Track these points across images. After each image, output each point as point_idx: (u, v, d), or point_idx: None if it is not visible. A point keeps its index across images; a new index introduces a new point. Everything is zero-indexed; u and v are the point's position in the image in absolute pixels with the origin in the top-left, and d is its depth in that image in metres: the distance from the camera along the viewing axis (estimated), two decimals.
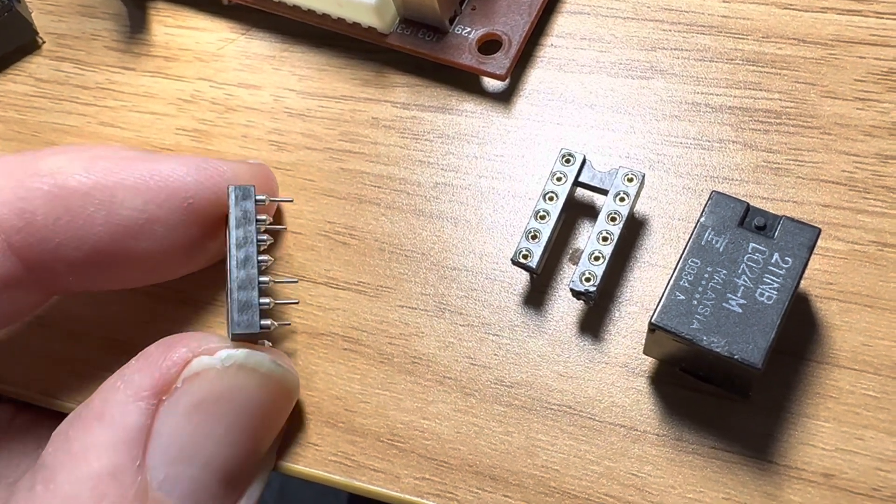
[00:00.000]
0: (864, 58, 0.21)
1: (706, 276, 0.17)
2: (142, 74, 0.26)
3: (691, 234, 0.17)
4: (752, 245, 0.17)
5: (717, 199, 0.18)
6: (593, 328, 0.20)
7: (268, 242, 0.20)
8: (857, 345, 0.19)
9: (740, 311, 0.17)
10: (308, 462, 0.21)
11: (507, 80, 0.23)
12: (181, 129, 0.25)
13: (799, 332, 0.19)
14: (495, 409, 0.20)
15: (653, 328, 0.17)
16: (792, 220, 0.17)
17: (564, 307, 0.21)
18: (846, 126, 0.21)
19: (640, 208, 0.21)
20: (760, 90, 0.22)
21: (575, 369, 0.20)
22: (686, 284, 0.17)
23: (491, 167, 0.22)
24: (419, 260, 0.22)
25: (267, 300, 0.19)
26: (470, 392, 0.20)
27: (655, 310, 0.17)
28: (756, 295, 0.17)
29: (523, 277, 0.21)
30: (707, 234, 0.17)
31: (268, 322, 0.19)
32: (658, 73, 0.22)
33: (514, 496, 0.19)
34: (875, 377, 0.18)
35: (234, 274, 0.19)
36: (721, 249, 0.17)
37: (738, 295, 0.17)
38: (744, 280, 0.17)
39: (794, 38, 0.22)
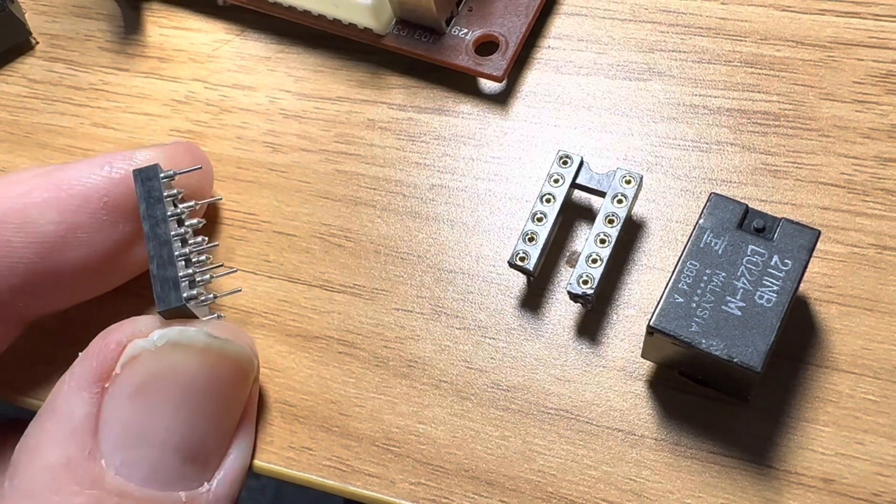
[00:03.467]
0: (863, 60, 0.21)
1: (705, 278, 0.17)
2: (136, 75, 0.26)
3: (690, 237, 0.17)
4: (751, 247, 0.17)
5: (716, 201, 0.18)
6: (591, 331, 0.20)
7: (189, 212, 0.20)
8: (856, 348, 0.19)
9: (739, 313, 0.16)
10: (302, 467, 0.20)
11: (504, 82, 0.23)
12: (175, 130, 0.25)
13: (798, 335, 0.19)
14: (492, 413, 0.20)
15: (651, 331, 0.17)
16: (791, 222, 0.17)
17: (562, 310, 0.20)
18: (845, 128, 0.21)
19: (639, 211, 0.21)
20: (759, 92, 0.21)
21: (572, 373, 0.20)
22: (685, 287, 0.17)
23: (488, 169, 0.22)
24: (415, 262, 0.22)
25: (189, 271, 0.19)
26: (466, 396, 0.20)
27: (654, 312, 0.17)
28: (755, 297, 0.16)
29: (520, 280, 0.21)
30: (706, 237, 0.17)
31: (194, 292, 0.19)
32: (656, 74, 0.22)
33: (510, 501, 0.19)
34: (875, 381, 0.18)
35: (152, 252, 0.19)
36: (720, 251, 0.17)
37: (738, 297, 0.17)
38: (743, 282, 0.17)
39: (792, 40, 0.22)
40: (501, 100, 0.23)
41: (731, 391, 0.18)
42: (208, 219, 0.23)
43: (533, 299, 0.21)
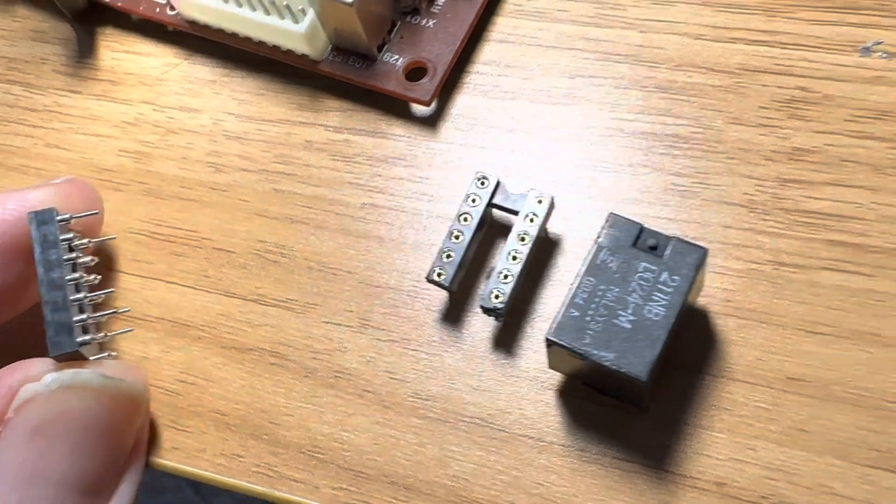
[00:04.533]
0: (768, 86, 0.22)
1: (599, 293, 0.18)
2: (88, 97, 0.27)
3: (588, 254, 0.18)
4: (643, 265, 0.18)
5: (614, 221, 0.19)
6: (506, 343, 0.21)
7: (85, 257, 0.21)
8: (751, 359, 0.20)
9: (630, 326, 0.17)
10: (232, 473, 0.21)
11: (434, 106, 0.24)
12: (123, 150, 0.26)
13: (697, 347, 0.20)
14: (412, 421, 0.21)
15: (549, 343, 0.18)
16: (681, 240, 0.18)
17: (480, 323, 0.21)
18: (749, 151, 0.22)
19: (555, 229, 0.22)
20: (670, 116, 0.23)
21: (488, 383, 0.21)
22: (580, 301, 0.18)
23: (416, 188, 0.23)
24: (344, 278, 0.23)
25: (83, 315, 0.20)
26: (388, 405, 0.21)
27: (551, 326, 0.18)
28: (645, 312, 0.18)
29: (443, 295, 0.22)
30: (602, 254, 0.18)
31: (87, 337, 0.20)
32: (576, 99, 0.23)
33: None
34: (767, 390, 0.19)
35: (45, 297, 0.20)
36: (614, 268, 0.18)
37: (629, 312, 0.18)
38: (634, 297, 0.18)
39: (703, 67, 0.23)
40: (431, 123, 0.24)
41: (630, 400, 0.19)
42: (149, 237, 0.24)
43: (454, 313, 0.22)
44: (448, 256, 0.21)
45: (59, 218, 0.21)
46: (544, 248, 0.22)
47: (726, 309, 0.20)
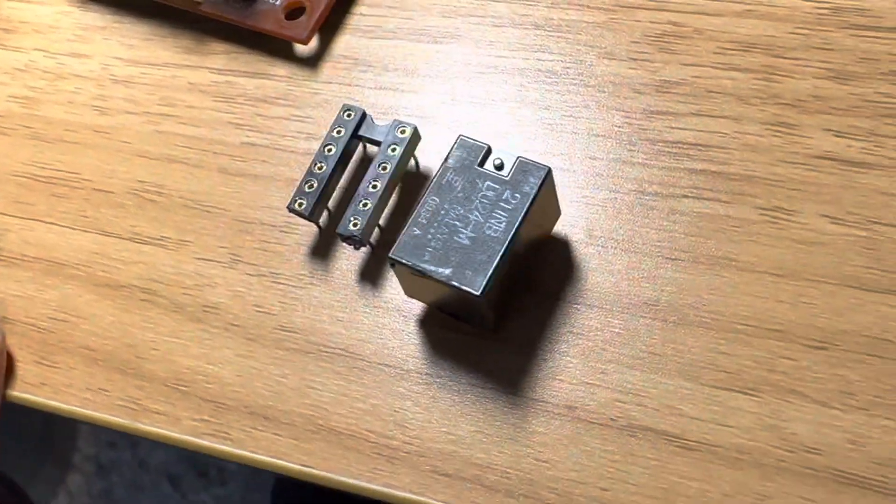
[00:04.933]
0: (641, 21, 0.22)
1: (442, 212, 0.18)
2: None
3: (434, 175, 0.18)
4: (487, 183, 0.18)
5: (461, 142, 0.19)
6: (372, 276, 0.21)
7: None
8: (609, 286, 0.20)
9: (469, 243, 0.17)
10: (97, 407, 0.21)
11: (316, 46, 0.24)
12: (12, 96, 0.26)
13: (557, 274, 0.20)
14: (276, 353, 0.21)
15: (391, 262, 0.18)
16: (525, 159, 0.18)
17: (348, 257, 0.21)
18: (619, 84, 0.22)
19: (427, 163, 0.22)
20: (545, 52, 0.23)
21: (352, 314, 0.21)
22: (423, 221, 0.18)
23: (295, 127, 0.23)
24: (219, 215, 0.23)
25: None
26: (253, 338, 0.21)
27: (394, 246, 0.18)
28: (485, 228, 0.17)
29: (314, 229, 0.22)
30: (448, 175, 0.18)
31: None
32: (454, 38, 0.23)
33: (283, 434, 0.20)
34: (622, 315, 0.19)
35: None
36: (459, 188, 0.18)
37: (469, 229, 0.18)
38: (475, 215, 0.18)
39: (579, 4, 0.23)
40: (313, 63, 0.24)
41: (478, 321, 0.19)
42: (31, 179, 0.24)
43: (323, 247, 0.22)
44: (310, 187, 0.21)
45: None
46: (417, 182, 0.22)
47: (587, 237, 0.20)
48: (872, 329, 0.18)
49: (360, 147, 0.22)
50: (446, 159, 0.18)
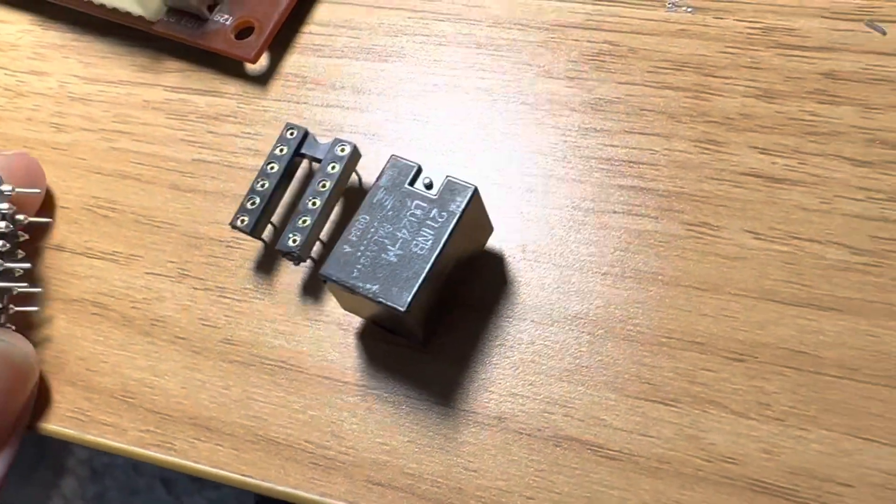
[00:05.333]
0: (579, 41, 0.23)
1: (372, 230, 0.18)
2: None
3: (367, 194, 0.19)
4: (416, 202, 0.19)
5: (394, 162, 0.19)
6: (314, 290, 0.22)
7: (12, 229, 0.22)
8: (541, 300, 0.20)
9: (396, 260, 0.18)
10: (46, 418, 0.22)
11: (266, 64, 0.25)
12: None
13: (490, 288, 0.21)
14: (220, 365, 0.21)
15: (323, 279, 0.18)
16: (453, 179, 0.19)
17: (291, 272, 0.22)
18: (556, 103, 0.22)
19: (370, 179, 0.23)
20: (486, 71, 0.23)
21: (294, 328, 0.21)
22: (353, 238, 0.18)
23: (244, 144, 0.24)
24: (168, 230, 0.23)
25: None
26: (199, 350, 0.22)
27: (325, 262, 0.18)
28: (412, 246, 0.18)
29: (259, 245, 0.22)
30: (379, 193, 0.19)
31: None
32: (400, 57, 0.24)
33: (225, 444, 0.20)
34: (552, 328, 0.20)
35: None
36: (389, 206, 0.19)
37: (396, 247, 0.18)
38: (403, 233, 0.18)
39: (519, 24, 0.24)
40: (263, 81, 0.25)
41: (410, 335, 0.20)
42: None
43: (268, 262, 0.22)
44: (252, 204, 0.21)
45: (2, 188, 0.22)
46: (360, 197, 0.22)
47: (521, 252, 0.21)
48: (790, 342, 0.19)
49: (305, 163, 0.23)
50: (378, 178, 0.19)
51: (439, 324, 0.20)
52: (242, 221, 0.21)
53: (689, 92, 0.22)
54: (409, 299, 0.18)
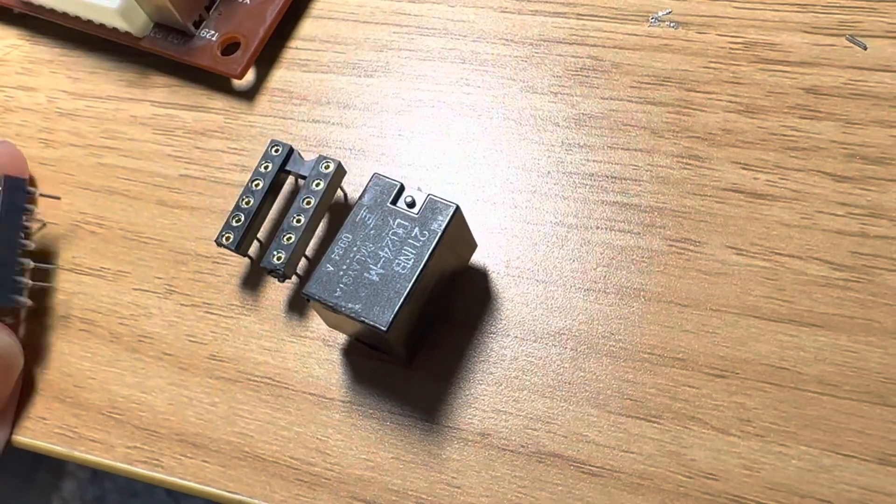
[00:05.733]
0: (563, 55, 0.23)
1: (355, 249, 0.19)
2: None
3: (350, 212, 0.19)
4: (397, 221, 0.19)
5: (376, 180, 0.19)
6: (299, 306, 0.22)
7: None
8: (524, 315, 0.20)
9: (377, 279, 0.18)
10: (35, 434, 0.22)
11: (252, 79, 0.25)
12: None
13: (474, 304, 0.21)
14: (206, 381, 0.21)
15: (306, 297, 0.18)
16: (434, 197, 0.19)
17: (277, 288, 0.22)
18: (540, 118, 0.22)
19: (355, 195, 0.23)
20: (470, 86, 0.23)
21: (279, 344, 0.21)
22: (336, 257, 0.19)
23: (231, 160, 0.24)
24: (156, 246, 0.23)
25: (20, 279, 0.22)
26: (185, 367, 0.22)
27: (308, 281, 0.19)
28: (394, 265, 0.18)
29: (246, 261, 0.23)
30: (361, 212, 0.19)
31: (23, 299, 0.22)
32: (385, 72, 0.24)
33: (211, 461, 0.21)
34: (535, 344, 0.20)
35: None
36: (371, 225, 0.19)
37: (378, 266, 0.18)
38: (385, 252, 0.18)
39: (504, 39, 0.24)
40: (249, 96, 0.25)
41: (393, 353, 0.20)
42: None
43: (254, 278, 0.22)
44: (237, 221, 0.21)
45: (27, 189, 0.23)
46: (345, 213, 0.22)
47: (505, 268, 0.21)
48: (770, 358, 0.19)
49: (290, 179, 0.23)
50: (361, 196, 0.19)
51: (423, 340, 0.20)
52: (227, 239, 0.21)
53: (671, 107, 0.22)
54: (390, 319, 0.18)
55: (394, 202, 0.19)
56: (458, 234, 0.19)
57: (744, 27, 0.22)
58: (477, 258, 0.21)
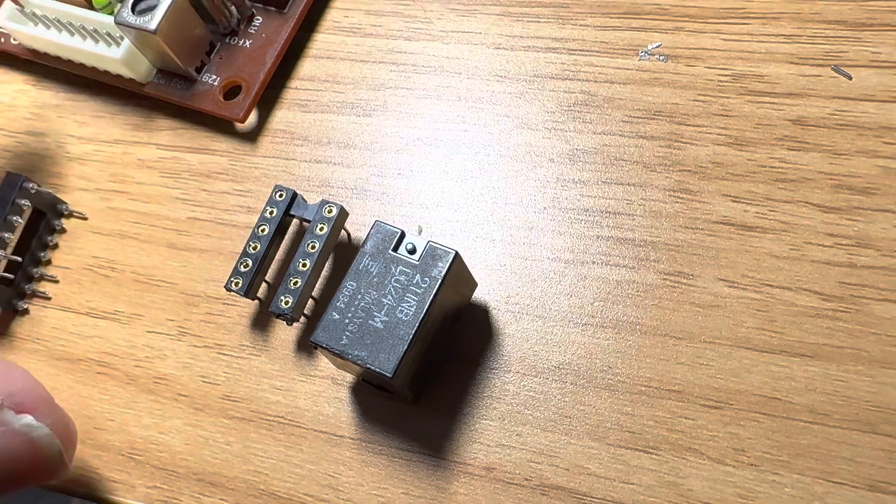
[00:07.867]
0: (556, 91, 0.24)
1: (359, 297, 0.19)
2: None
3: (353, 260, 0.20)
4: (399, 268, 0.19)
5: (378, 228, 0.20)
6: (308, 346, 0.23)
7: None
8: (524, 350, 0.21)
9: (382, 326, 0.19)
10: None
11: (254, 121, 0.25)
12: None
13: (476, 340, 0.21)
14: (221, 421, 0.22)
15: (314, 345, 0.19)
16: (434, 244, 0.19)
17: (286, 329, 0.23)
18: (533, 154, 0.23)
19: (359, 234, 0.23)
20: (466, 124, 0.24)
21: (290, 383, 0.22)
22: (342, 305, 0.19)
23: (236, 201, 0.25)
24: (167, 289, 0.24)
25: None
26: (200, 407, 0.23)
27: (315, 329, 0.19)
28: (397, 312, 0.19)
29: (254, 302, 0.23)
30: (364, 260, 0.20)
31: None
32: (383, 111, 0.25)
33: (228, 499, 0.21)
34: (536, 379, 0.21)
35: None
36: (374, 273, 0.19)
37: (382, 313, 0.19)
38: (388, 299, 0.19)
39: (498, 75, 0.24)
40: (252, 138, 0.25)
41: (397, 394, 0.20)
42: None
43: (263, 319, 0.23)
44: (245, 266, 0.22)
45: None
46: (350, 252, 0.23)
47: (505, 304, 0.22)
48: (763, 388, 0.19)
49: (295, 220, 0.23)
50: (364, 244, 0.20)
51: (428, 380, 0.21)
52: (237, 284, 0.22)
53: (662, 141, 0.22)
54: (395, 365, 0.18)
55: (395, 249, 0.20)
56: (458, 275, 0.20)
57: (731, 59, 0.23)
58: (478, 294, 0.22)
